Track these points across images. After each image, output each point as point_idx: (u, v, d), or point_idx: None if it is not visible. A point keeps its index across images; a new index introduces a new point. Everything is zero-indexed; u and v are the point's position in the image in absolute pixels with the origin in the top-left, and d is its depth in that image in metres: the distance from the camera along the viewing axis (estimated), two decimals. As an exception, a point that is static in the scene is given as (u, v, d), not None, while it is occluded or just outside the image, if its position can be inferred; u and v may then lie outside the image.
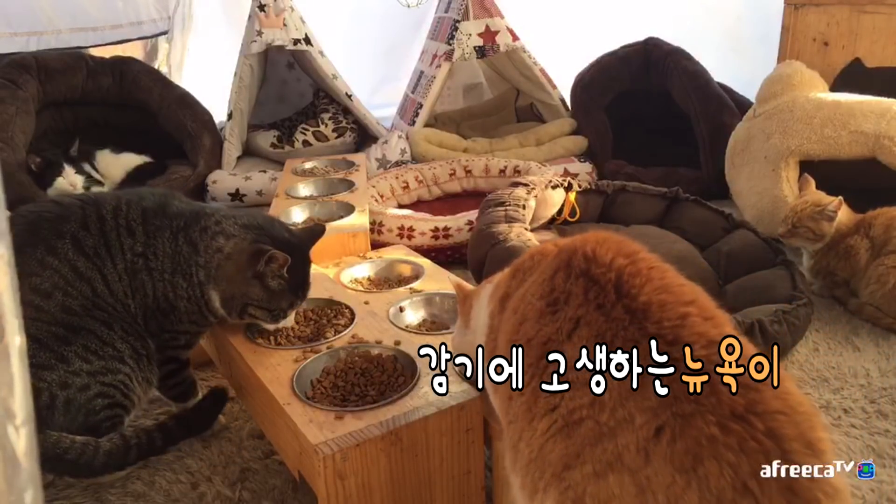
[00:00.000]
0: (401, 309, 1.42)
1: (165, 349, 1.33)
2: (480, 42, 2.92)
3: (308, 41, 2.85)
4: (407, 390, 1.10)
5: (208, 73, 3.41)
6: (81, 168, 2.53)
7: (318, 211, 2.04)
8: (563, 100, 3.15)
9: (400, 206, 2.56)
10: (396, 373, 1.19)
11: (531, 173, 2.48)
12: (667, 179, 2.54)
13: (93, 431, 1.20)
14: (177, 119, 2.82)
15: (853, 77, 2.47)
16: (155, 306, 1.27)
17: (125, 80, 2.82)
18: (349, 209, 1.98)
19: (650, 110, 3.01)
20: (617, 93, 2.97)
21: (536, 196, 2.05)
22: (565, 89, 3.14)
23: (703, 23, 3.42)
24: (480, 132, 3.21)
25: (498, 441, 1.06)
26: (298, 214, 2.02)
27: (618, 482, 0.66)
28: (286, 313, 1.29)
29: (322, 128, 2.96)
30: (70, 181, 2.45)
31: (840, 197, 1.81)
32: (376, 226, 2.16)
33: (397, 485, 1.04)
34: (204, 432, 1.38)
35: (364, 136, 3.08)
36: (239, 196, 2.71)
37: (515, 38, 2.98)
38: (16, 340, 0.40)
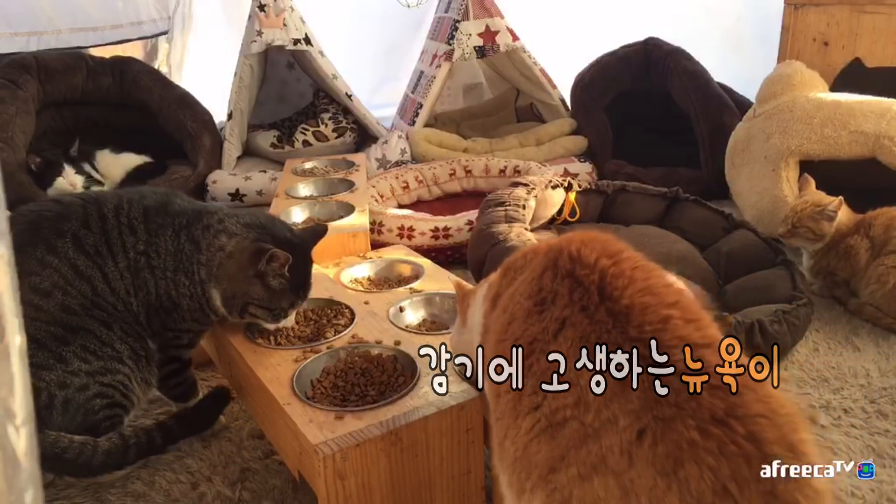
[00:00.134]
0: (401, 309, 1.41)
1: (168, 348, 1.33)
2: (480, 42, 2.92)
3: (308, 41, 2.85)
4: (407, 390, 1.10)
5: (208, 73, 3.41)
6: (81, 168, 2.53)
7: (318, 211, 2.04)
8: (563, 100, 3.14)
9: (400, 206, 2.56)
10: (396, 373, 1.19)
11: (531, 173, 2.48)
12: (667, 179, 2.54)
13: (91, 431, 1.20)
14: (177, 119, 2.81)
15: (853, 77, 2.47)
16: (158, 304, 1.27)
17: (125, 80, 2.82)
18: (349, 209, 1.98)
19: (650, 110, 3.01)
20: (617, 93, 2.97)
21: (536, 196, 2.05)
22: (565, 89, 3.14)
23: (703, 23, 3.42)
24: (480, 132, 3.21)
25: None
26: (298, 214, 2.02)
27: (603, 485, 0.66)
28: (287, 313, 1.29)
29: (322, 128, 2.96)
30: (70, 181, 2.45)
31: (840, 197, 1.81)
32: (376, 226, 2.16)
33: (397, 485, 1.04)
34: (204, 431, 1.38)
35: (364, 136, 3.08)
36: (239, 196, 2.71)
37: (515, 38, 2.98)
38: (16, 340, 0.40)
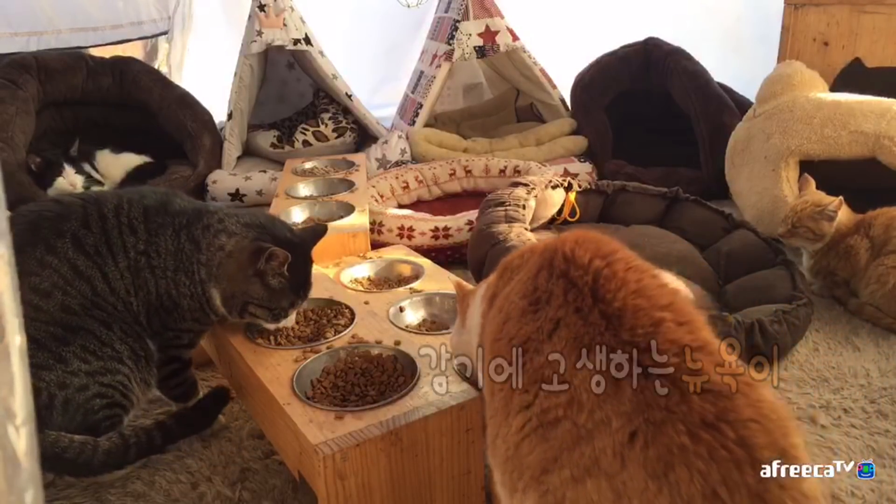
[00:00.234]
0: (401, 309, 1.41)
1: (168, 348, 1.33)
2: (480, 42, 2.92)
3: (308, 41, 2.85)
4: (407, 390, 1.10)
5: (208, 73, 3.41)
6: (81, 168, 2.53)
7: (318, 211, 2.04)
8: (563, 100, 3.14)
9: (400, 206, 2.56)
10: (396, 373, 1.19)
11: (531, 173, 2.48)
12: (667, 179, 2.54)
13: (91, 431, 1.20)
14: (177, 119, 2.81)
15: (853, 77, 2.47)
16: (158, 304, 1.27)
17: (125, 80, 2.82)
18: (349, 209, 1.98)
19: (650, 110, 3.01)
20: (617, 93, 2.97)
21: (536, 196, 2.05)
22: (565, 89, 3.14)
23: (703, 23, 3.42)
24: (480, 132, 3.21)
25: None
26: (298, 214, 2.01)
27: (595, 487, 0.66)
28: (287, 312, 1.29)
29: (322, 128, 2.96)
30: (70, 181, 2.45)
31: (840, 197, 1.81)
32: (376, 226, 2.16)
33: (397, 485, 1.04)
34: (204, 431, 1.38)
35: (364, 136, 3.08)
36: (239, 196, 2.71)
37: (515, 38, 2.98)
38: (16, 340, 0.40)
